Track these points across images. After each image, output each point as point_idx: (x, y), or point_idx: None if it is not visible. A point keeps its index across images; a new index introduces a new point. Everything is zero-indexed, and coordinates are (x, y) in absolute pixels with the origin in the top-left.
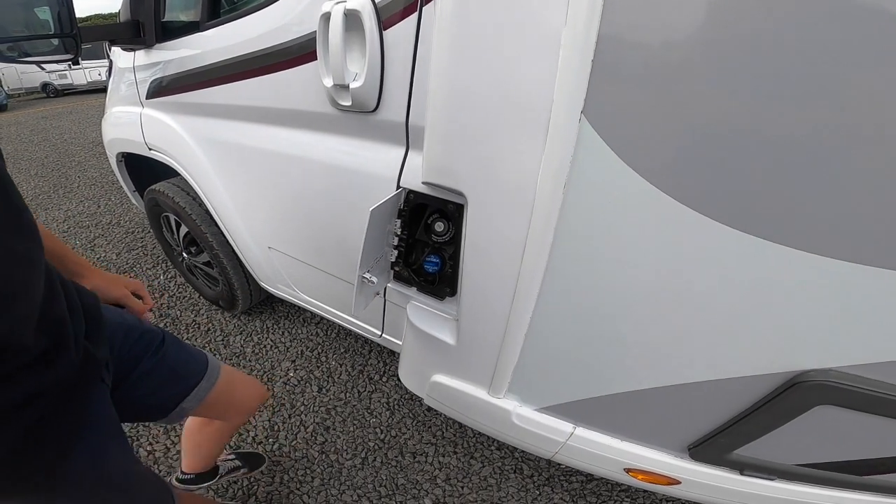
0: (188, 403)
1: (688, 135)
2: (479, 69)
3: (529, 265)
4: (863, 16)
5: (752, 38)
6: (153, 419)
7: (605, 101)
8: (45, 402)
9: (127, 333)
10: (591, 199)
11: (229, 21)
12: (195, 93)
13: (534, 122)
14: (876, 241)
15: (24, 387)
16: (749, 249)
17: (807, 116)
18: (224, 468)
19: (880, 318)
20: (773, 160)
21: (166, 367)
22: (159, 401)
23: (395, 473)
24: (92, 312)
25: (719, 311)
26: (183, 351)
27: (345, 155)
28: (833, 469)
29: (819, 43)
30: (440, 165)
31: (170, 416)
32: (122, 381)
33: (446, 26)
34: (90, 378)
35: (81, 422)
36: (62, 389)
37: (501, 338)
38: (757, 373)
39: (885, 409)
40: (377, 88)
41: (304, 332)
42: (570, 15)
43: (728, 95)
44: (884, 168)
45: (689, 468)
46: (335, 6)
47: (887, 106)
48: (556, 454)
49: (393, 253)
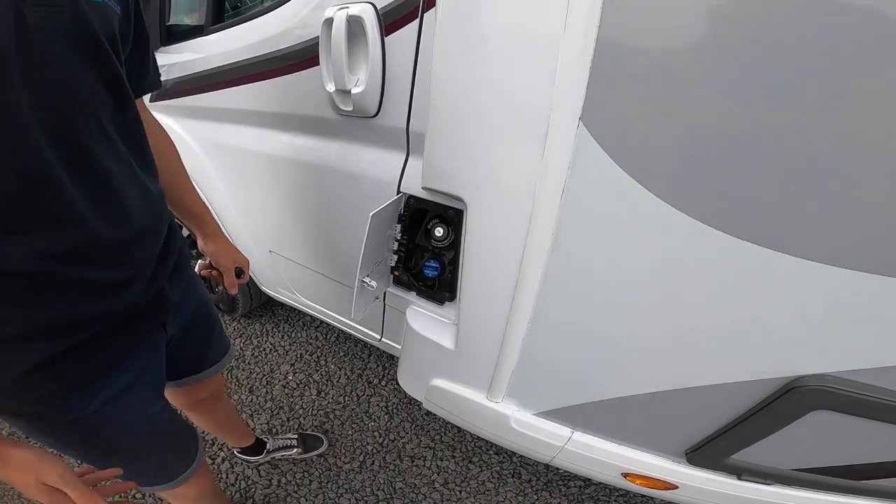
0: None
1: (684, 141)
2: (479, 75)
3: (528, 271)
4: (861, 20)
5: (750, 44)
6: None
7: (603, 108)
8: (101, 326)
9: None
10: (588, 205)
11: (233, 25)
12: (199, 96)
13: (532, 128)
14: (872, 247)
15: (90, 307)
16: (746, 256)
17: (804, 123)
18: (273, 445)
19: (876, 323)
20: (770, 167)
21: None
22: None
23: (394, 477)
24: (182, 262)
25: (716, 316)
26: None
27: (346, 159)
28: (830, 474)
29: (817, 47)
30: (440, 171)
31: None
32: (183, 338)
33: (446, 33)
34: (152, 319)
35: (125, 355)
36: (123, 319)
37: (500, 342)
38: (753, 378)
39: (881, 414)
40: (378, 94)
41: (303, 336)
42: (568, 22)
43: (725, 102)
44: (879, 175)
45: (686, 473)
46: (338, 12)
47: (886, 111)
48: (554, 458)
49: (393, 257)
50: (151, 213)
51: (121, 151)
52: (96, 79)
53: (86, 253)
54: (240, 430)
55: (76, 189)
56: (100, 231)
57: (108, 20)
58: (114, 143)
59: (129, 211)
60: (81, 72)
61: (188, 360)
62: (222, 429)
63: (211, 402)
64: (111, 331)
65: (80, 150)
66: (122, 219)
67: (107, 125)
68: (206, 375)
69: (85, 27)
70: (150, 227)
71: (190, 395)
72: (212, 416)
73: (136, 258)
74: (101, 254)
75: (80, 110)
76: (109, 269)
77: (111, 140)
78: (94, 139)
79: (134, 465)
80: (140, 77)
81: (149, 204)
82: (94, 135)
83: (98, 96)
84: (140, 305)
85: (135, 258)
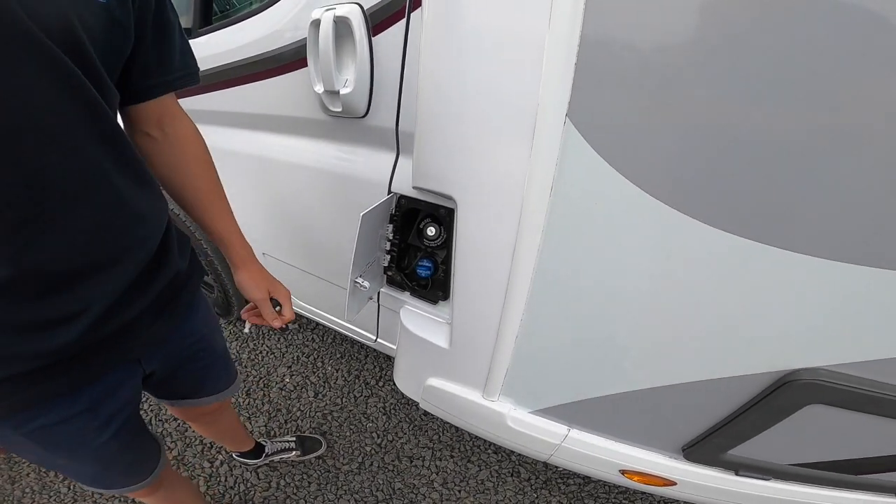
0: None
1: (672, 137)
2: (466, 74)
3: (519, 268)
4: (851, 18)
5: (735, 40)
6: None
7: (589, 104)
8: (35, 363)
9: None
10: (577, 202)
11: (221, 28)
12: (187, 99)
13: (520, 125)
14: (865, 240)
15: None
16: (737, 251)
17: (793, 117)
18: (272, 448)
19: (869, 316)
20: (759, 161)
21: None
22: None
23: (392, 478)
24: (178, 293)
25: (709, 312)
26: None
27: (336, 160)
28: (826, 468)
29: (806, 43)
30: (429, 170)
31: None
32: (175, 370)
33: (433, 32)
34: (112, 357)
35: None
36: (63, 357)
37: (494, 341)
38: (748, 372)
39: (875, 408)
40: (367, 94)
41: (299, 338)
42: (552, 19)
43: (712, 97)
44: (871, 169)
45: (684, 469)
46: (325, 13)
47: (876, 107)
48: (552, 456)
49: (385, 257)
50: (129, 240)
51: (92, 170)
52: (50, 84)
53: (13, 286)
54: (241, 437)
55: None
56: (38, 264)
57: (60, 15)
58: (82, 163)
59: (85, 240)
60: (23, 77)
61: (183, 388)
62: (224, 436)
63: (212, 416)
64: (49, 367)
65: (28, 172)
66: (70, 250)
67: (71, 141)
68: (204, 403)
69: (11, 17)
70: (113, 258)
71: (189, 413)
72: (213, 426)
73: (91, 292)
74: (35, 288)
75: (28, 125)
76: (45, 304)
77: (78, 159)
78: (50, 159)
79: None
80: (162, 70)
81: (129, 229)
82: (49, 153)
83: (54, 107)
84: (90, 342)
85: (90, 292)
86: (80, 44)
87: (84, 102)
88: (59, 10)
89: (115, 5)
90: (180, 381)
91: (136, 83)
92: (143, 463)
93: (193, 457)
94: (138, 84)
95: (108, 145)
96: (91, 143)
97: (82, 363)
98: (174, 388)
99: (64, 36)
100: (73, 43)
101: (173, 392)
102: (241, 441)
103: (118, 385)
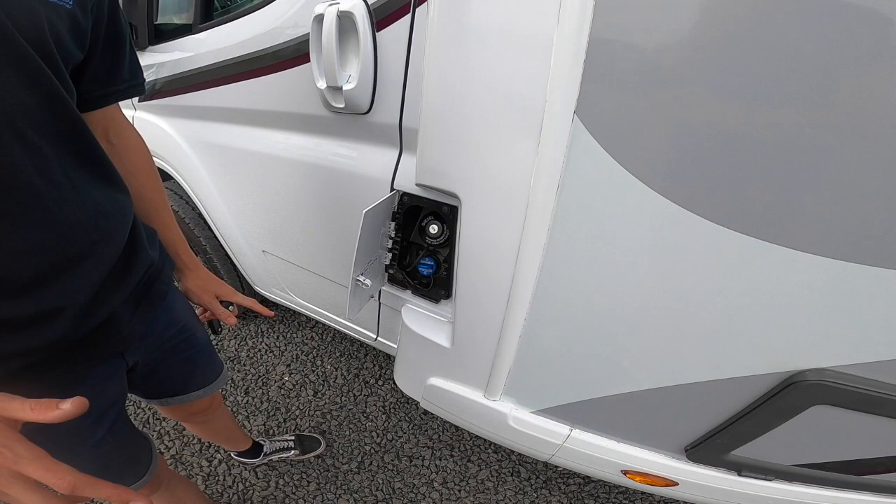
0: (180, 400)
1: (681, 135)
2: (472, 70)
3: (524, 267)
4: (853, 16)
5: (743, 38)
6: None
7: (597, 101)
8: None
9: (171, 323)
10: (584, 200)
11: (222, 23)
12: (188, 95)
13: (527, 122)
14: (872, 240)
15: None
16: (744, 249)
17: (799, 116)
18: (271, 447)
19: (876, 317)
20: (766, 160)
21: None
22: (170, 390)
23: (392, 477)
24: (152, 285)
25: (715, 311)
26: (209, 356)
27: (338, 157)
28: (830, 469)
29: (810, 42)
30: (433, 167)
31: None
32: (158, 364)
33: (439, 27)
34: (98, 351)
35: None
36: (50, 354)
37: (497, 340)
38: (753, 373)
39: (882, 409)
40: (370, 90)
41: (298, 336)
42: (562, 15)
43: (720, 95)
44: (877, 167)
45: (686, 469)
46: (328, 8)
47: (880, 105)
48: (554, 456)
49: (387, 255)
50: (95, 234)
51: (54, 166)
52: (20, 82)
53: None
54: (236, 437)
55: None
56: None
57: (32, 15)
58: (45, 159)
59: (54, 235)
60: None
61: (171, 383)
62: (219, 436)
63: (205, 414)
64: (35, 366)
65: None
66: (41, 245)
67: (36, 138)
68: (192, 398)
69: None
70: (81, 252)
71: (180, 411)
72: (207, 426)
73: (67, 287)
74: (10, 285)
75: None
76: (22, 302)
77: (42, 156)
78: (17, 156)
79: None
80: (111, 80)
81: (93, 223)
82: (16, 151)
83: (23, 104)
84: (73, 338)
85: (66, 287)
86: (48, 44)
87: (49, 99)
88: (32, 11)
89: (78, 12)
90: (167, 376)
91: (85, 92)
92: (138, 460)
93: (191, 456)
94: (87, 93)
95: (69, 142)
96: (54, 140)
97: (70, 360)
98: (162, 386)
99: (35, 35)
100: (42, 43)
101: (162, 390)
102: (237, 441)
103: (106, 380)
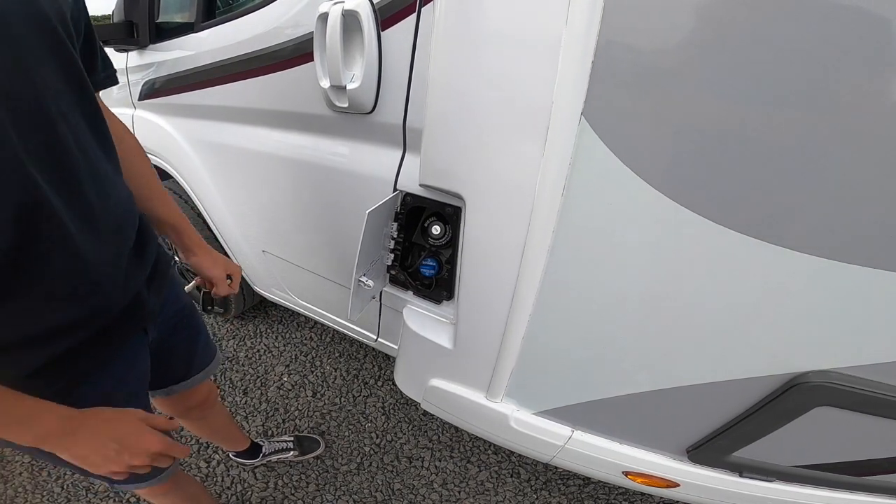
0: (184, 386)
1: (688, 137)
2: (478, 70)
3: (528, 269)
4: (855, 18)
5: (749, 41)
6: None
7: (605, 103)
8: (80, 334)
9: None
10: (590, 202)
11: (224, 22)
12: (189, 94)
13: (533, 123)
14: (875, 242)
15: (68, 314)
16: (749, 251)
17: (804, 119)
18: (269, 448)
19: (879, 319)
20: (771, 162)
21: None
22: (176, 373)
23: (392, 478)
24: (161, 267)
25: (718, 313)
26: (206, 337)
27: (341, 157)
28: (832, 470)
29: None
30: (438, 168)
31: (174, 389)
32: (165, 341)
33: (445, 27)
34: (129, 327)
35: (103, 363)
36: (95, 327)
37: (499, 342)
38: (756, 375)
39: (884, 410)
40: (374, 90)
41: (297, 337)
42: (570, 16)
43: (727, 98)
44: (880, 169)
45: (687, 470)
46: (333, 7)
47: (883, 107)
48: (554, 458)
49: (389, 256)
50: (118, 211)
51: (86, 144)
52: (58, 65)
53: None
54: (234, 435)
55: (49, 187)
56: (75, 232)
57: (57, 3)
58: (78, 136)
59: (94, 210)
60: (43, 58)
61: (174, 368)
62: (217, 434)
63: (202, 408)
64: (82, 342)
65: (49, 144)
66: (90, 217)
67: (71, 116)
68: (195, 382)
69: (36, 6)
70: (115, 227)
71: (180, 403)
72: (205, 422)
73: (102, 259)
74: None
75: (49, 98)
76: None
77: (77, 132)
78: (62, 132)
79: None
80: (90, 70)
81: (115, 201)
82: (61, 127)
83: (59, 84)
84: (112, 311)
85: (101, 259)
86: (69, 30)
87: (76, 83)
88: (59, 4)
89: (75, 4)
90: (173, 355)
91: None
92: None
93: (190, 456)
94: None
95: (91, 124)
96: (82, 121)
97: (105, 338)
98: (170, 368)
99: (62, 21)
100: (66, 29)
101: (168, 374)
102: (235, 440)
103: (135, 356)
